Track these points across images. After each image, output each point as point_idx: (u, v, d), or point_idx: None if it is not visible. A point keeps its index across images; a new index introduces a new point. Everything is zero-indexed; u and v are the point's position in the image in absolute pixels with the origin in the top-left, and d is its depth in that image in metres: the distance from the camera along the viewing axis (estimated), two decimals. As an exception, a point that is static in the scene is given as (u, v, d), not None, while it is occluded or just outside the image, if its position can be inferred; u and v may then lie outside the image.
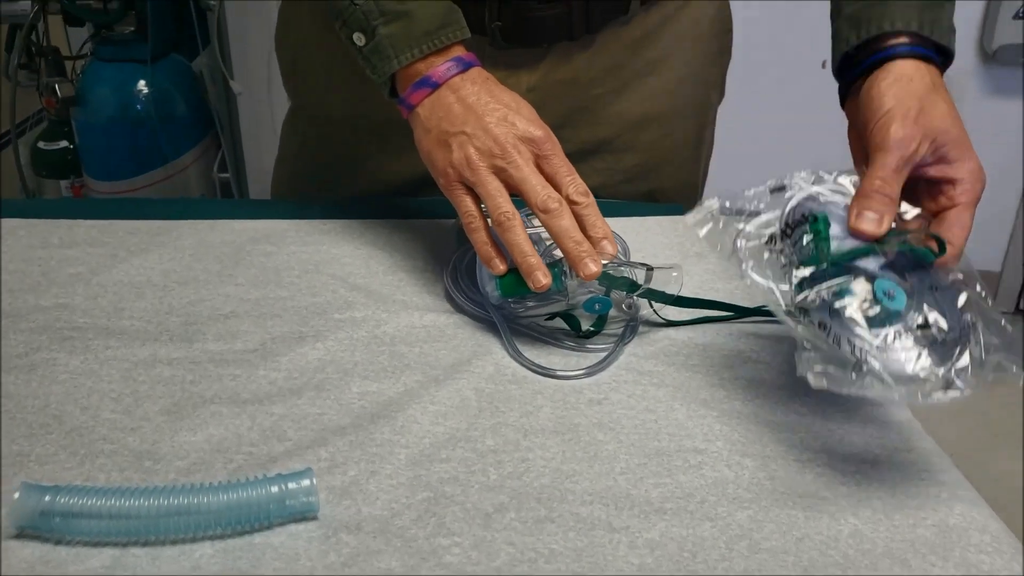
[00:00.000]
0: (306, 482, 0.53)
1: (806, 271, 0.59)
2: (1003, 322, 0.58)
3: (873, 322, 0.56)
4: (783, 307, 0.60)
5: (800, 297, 0.59)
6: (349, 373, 0.68)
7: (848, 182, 0.66)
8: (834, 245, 0.60)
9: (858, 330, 0.56)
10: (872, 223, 0.62)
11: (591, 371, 0.70)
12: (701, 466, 0.60)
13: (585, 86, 0.92)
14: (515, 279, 0.72)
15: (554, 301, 0.74)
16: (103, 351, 0.70)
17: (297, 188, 1.03)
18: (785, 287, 0.60)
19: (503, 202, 0.71)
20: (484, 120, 0.71)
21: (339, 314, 0.76)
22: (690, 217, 0.68)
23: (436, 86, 0.74)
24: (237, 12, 1.71)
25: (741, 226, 0.65)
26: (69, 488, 0.52)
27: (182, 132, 1.76)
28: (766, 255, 0.62)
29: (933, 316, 0.57)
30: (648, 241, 0.88)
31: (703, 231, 0.66)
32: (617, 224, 0.88)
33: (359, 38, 0.76)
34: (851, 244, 0.61)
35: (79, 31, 1.85)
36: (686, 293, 0.76)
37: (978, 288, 0.61)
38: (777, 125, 2.46)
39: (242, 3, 1.69)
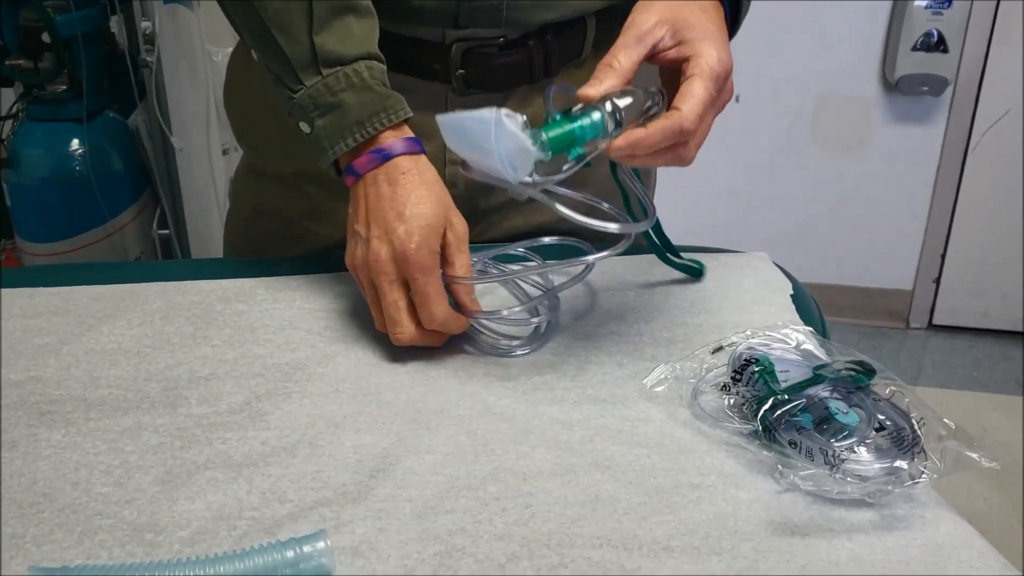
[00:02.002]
0: (320, 544, 0.53)
1: (767, 403, 0.65)
2: (944, 419, 0.65)
3: (837, 435, 0.63)
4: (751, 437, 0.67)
5: (767, 421, 0.65)
6: (340, 427, 0.68)
7: (778, 333, 0.74)
8: (783, 381, 0.67)
9: (828, 441, 0.62)
10: (589, 87, 0.68)
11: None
12: (699, 501, 0.62)
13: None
14: (562, 133, 0.64)
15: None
16: (84, 423, 0.68)
17: (256, 243, 1.03)
18: (748, 426, 0.67)
19: (386, 316, 0.75)
20: (371, 230, 0.75)
21: (321, 368, 0.76)
22: (647, 380, 0.74)
23: (359, 176, 0.77)
24: (173, 66, 1.69)
25: (694, 381, 0.73)
26: (77, 568, 0.51)
27: (120, 190, 1.73)
28: (724, 400, 0.70)
29: (887, 420, 0.64)
30: (615, 279, 0.89)
31: (659, 389, 0.73)
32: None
33: (304, 127, 0.79)
34: (797, 378, 0.67)
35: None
36: (659, 318, 0.78)
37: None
38: (699, 159, 2.52)
39: (178, 57, 1.68)
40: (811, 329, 0.75)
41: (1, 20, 1.62)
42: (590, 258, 0.78)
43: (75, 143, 1.67)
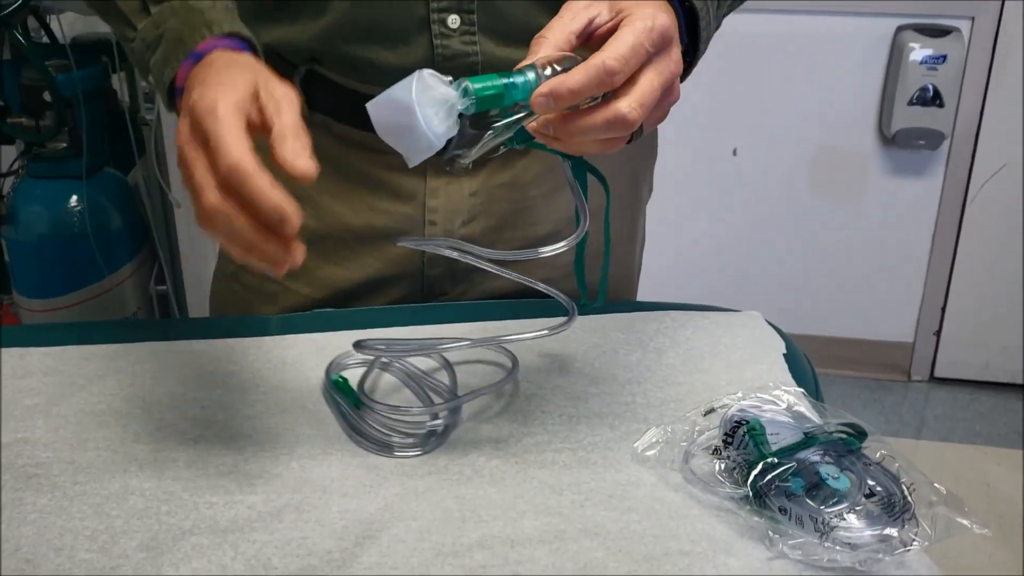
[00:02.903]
0: (303, 615, 0.52)
1: (757, 468, 0.65)
2: (935, 483, 0.64)
3: (827, 500, 0.62)
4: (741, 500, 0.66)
5: (757, 486, 0.65)
6: (327, 491, 0.68)
7: (769, 395, 0.74)
8: (774, 444, 0.67)
9: (818, 508, 0.62)
10: (524, 61, 0.63)
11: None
12: (689, 568, 0.61)
13: (523, 188, 0.95)
14: (489, 84, 0.61)
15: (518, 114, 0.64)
16: (71, 487, 0.68)
17: (233, 300, 1.03)
18: (740, 490, 0.66)
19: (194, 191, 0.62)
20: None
21: (310, 429, 0.75)
22: (639, 444, 0.73)
23: (180, 92, 0.71)
24: (173, 124, 1.71)
25: (686, 444, 0.71)
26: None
27: (118, 246, 1.74)
28: (716, 464, 0.69)
29: (877, 486, 0.64)
30: (607, 338, 0.89)
31: (651, 453, 0.72)
32: (574, 322, 0.90)
33: (149, 80, 0.75)
34: (788, 440, 0.67)
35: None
36: (651, 378, 0.77)
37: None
38: (697, 212, 2.54)
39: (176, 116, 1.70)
40: (803, 391, 0.75)
41: (4, 80, 1.64)
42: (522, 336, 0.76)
43: (74, 200, 1.69)
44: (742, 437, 0.68)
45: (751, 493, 0.64)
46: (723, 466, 0.68)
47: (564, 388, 0.81)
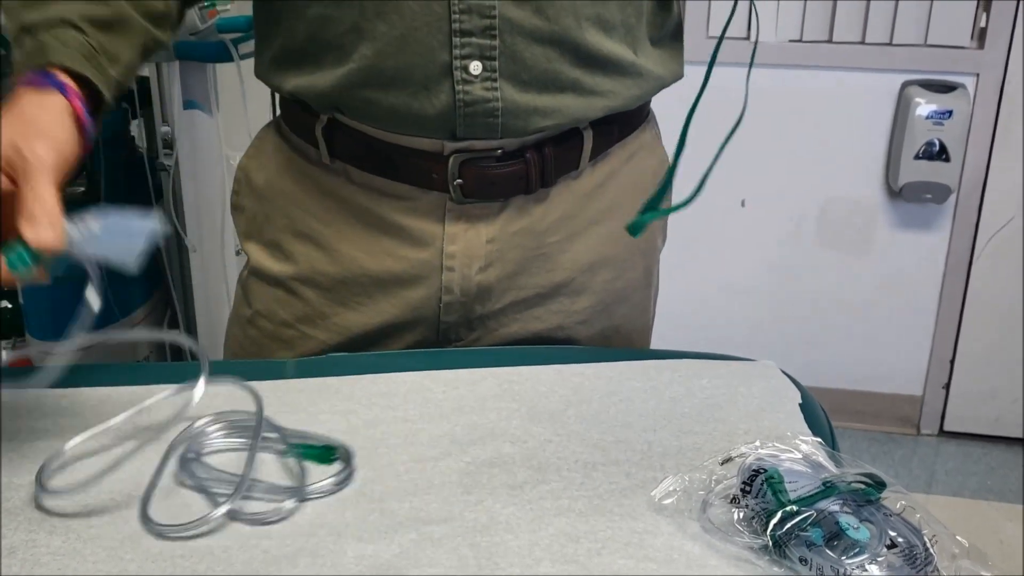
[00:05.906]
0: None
1: (776, 517, 0.65)
2: (956, 536, 0.64)
3: (847, 551, 0.62)
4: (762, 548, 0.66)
5: (776, 536, 0.65)
6: (342, 535, 0.67)
7: (787, 444, 0.74)
8: (792, 493, 0.67)
9: (839, 558, 0.62)
10: None
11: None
12: (709, 617, 0.61)
13: (540, 235, 0.96)
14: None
15: None
16: (86, 529, 0.68)
17: (250, 346, 1.03)
18: (759, 540, 0.66)
19: None
20: None
21: (324, 472, 0.75)
22: (656, 492, 0.72)
23: None
24: (190, 169, 1.73)
25: (703, 493, 0.71)
26: None
27: (132, 290, 1.75)
28: (734, 513, 0.69)
29: (898, 537, 0.64)
30: (622, 385, 0.89)
31: (668, 501, 0.72)
32: (589, 369, 0.90)
33: None
34: (807, 490, 0.67)
35: None
36: (667, 426, 0.77)
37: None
38: (706, 263, 2.55)
39: (195, 160, 1.72)
40: (820, 440, 0.75)
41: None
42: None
43: (90, 243, 1.70)
44: (760, 486, 0.68)
45: (770, 543, 0.64)
46: (741, 515, 0.68)
47: (579, 435, 0.81)
